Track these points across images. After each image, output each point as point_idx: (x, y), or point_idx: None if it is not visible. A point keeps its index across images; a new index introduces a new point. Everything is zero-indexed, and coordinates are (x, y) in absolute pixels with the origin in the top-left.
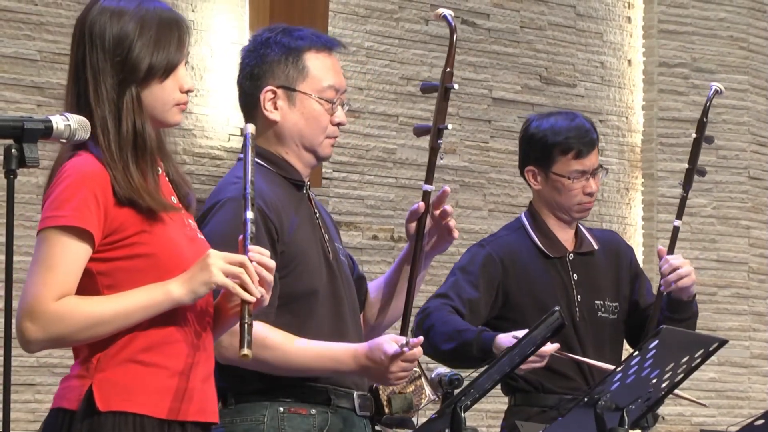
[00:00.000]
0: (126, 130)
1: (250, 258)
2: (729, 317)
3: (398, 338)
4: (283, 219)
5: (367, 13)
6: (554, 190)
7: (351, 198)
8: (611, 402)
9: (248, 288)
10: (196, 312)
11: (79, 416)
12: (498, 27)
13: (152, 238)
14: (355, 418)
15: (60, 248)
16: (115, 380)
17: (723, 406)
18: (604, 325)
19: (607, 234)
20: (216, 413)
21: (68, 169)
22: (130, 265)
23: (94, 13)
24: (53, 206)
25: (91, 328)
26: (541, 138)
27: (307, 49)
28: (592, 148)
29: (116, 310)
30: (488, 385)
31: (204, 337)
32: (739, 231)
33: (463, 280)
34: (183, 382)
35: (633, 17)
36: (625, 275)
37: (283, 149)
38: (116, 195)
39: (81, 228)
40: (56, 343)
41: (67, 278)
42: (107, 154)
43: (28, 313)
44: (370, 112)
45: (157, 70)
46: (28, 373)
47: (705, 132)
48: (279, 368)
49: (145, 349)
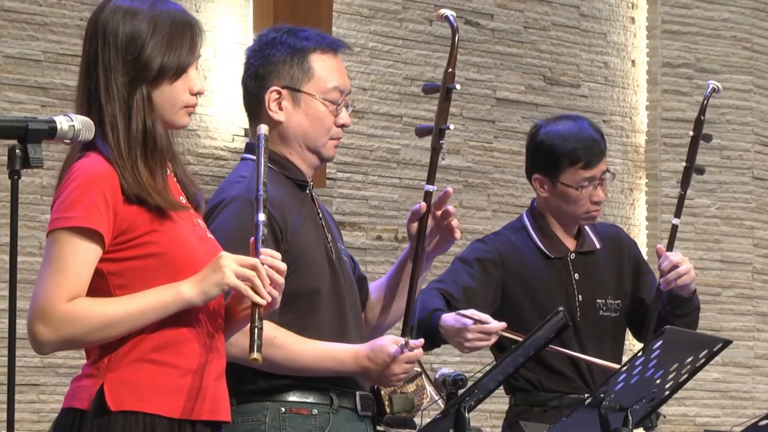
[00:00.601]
0: (136, 128)
1: (262, 261)
2: (733, 317)
3: (398, 339)
4: (287, 219)
5: (371, 13)
6: (562, 199)
7: (355, 198)
8: (615, 402)
9: (259, 291)
10: (208, 311)
11: (90, 416)
12: (502, 27)
13: (162, 237)
14: (357, 418)
15: (70, 249)
16: (126, 380)
17: (727, 407)
18: (605, 323)
19: (611, 229)
20: (228, 412)
21: (77, 170)
22: (141, 265)
23: (107, 12)
24: (62, 207)
25: (103, 329)
26: (549, 147)
27: (312, 50)
28: (600, 157)
29: (128, 311)
30: (492, 386)
31: (215, 337)
32: (743, 231)
33: (462, 269)
34: (195, 381)
35: (637, 18)
36: (627, 270)
37: (287, 149)
38: (125, 194)
39: (91, 229)
40: (68, 345)
41: (78, 279)
42: (116, 152)
43: (40, 316)
44: (373, 113)
45: (169, 70)
46: (33, 374)
47: (703, 130)
48: (285, 368)
49: (157, 348)
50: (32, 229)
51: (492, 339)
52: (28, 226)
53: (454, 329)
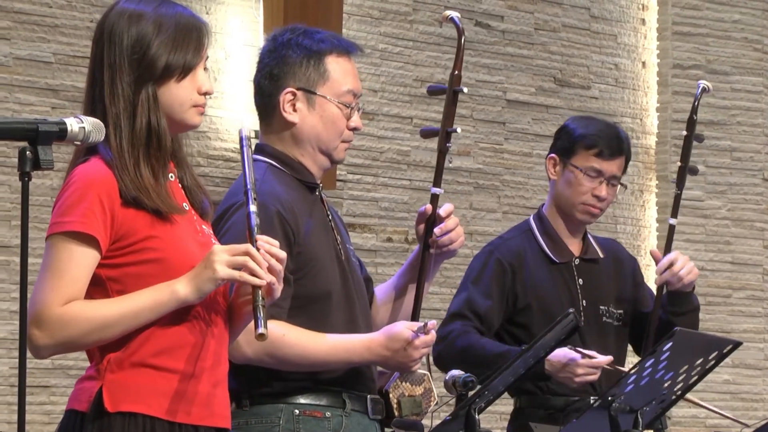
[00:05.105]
0: (140, 126)
1: (258, 246)
2: (743, 319)
3: (412, 324)
4: (299, 221)
5: (381, 15)
6: (566, 182)
7: (365, 200)
8: (625, 404)
9: (256, 273)
10: (208, 314)
11: (89, 417)
12: (512, 29)
13: (161, 243)
14: (368, 421)
15: (67, 254)
16: (125, 382)
17: (737, 408)
18: (608, 330)
19: (611, 243)
20: (228, 419)
21: (76, 175)
22: (140, 271)
23: (114, 14)
24: (60, 212)
25: (99, 330)
26: (572, 130)
27: (328, 53)
28: (616, 154)
29: (122, 312)
30: (502, 387)
31: (216, 340)
32: (754, 233)
33: (476, 292)
34: (193, 386)
35: (647, 19)
36: (628, 284)
37: (299, 151)
38: (123, 198)
39: (87, 234)
40: (65, 348)
41: (74, 284)
42: (117, 152)
43: (36, 320)
44: (384, 114)
45: (174, 68)
46: (43, 375)
47: (695, 130)
48: (298, 364)
49: (157, 353)
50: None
51: (599, 373)
52: (39, 227)
53: (561, 364)
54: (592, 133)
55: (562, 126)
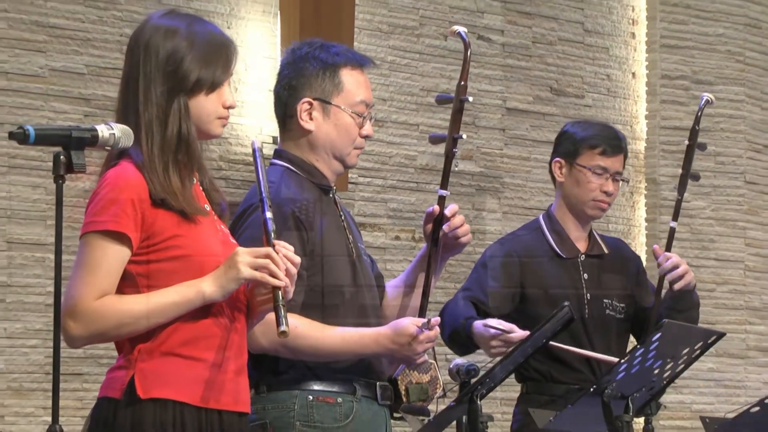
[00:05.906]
0: (171, 133)
1: (276, 250)
2: (727, 312)
3: (417, 320)
4: (313, 222)
5: (390, 29)
6: (575, 182)
7: (375, 201)
8: (617, 391)
9: (276, 275)
10: (231, 309)
11: (123, 404)
12: (511, 42)
13: (186, 241)
14: (377, 407)
15: (100, 251)
16: (155, 370)
17: (721, 395)
18: (611, 322)
19: (616, 242)
20: (248, 404)
21: (108, 177)
22: (167, 267)
23: (149, 29)
24: (93, 212)
25: (129, 324)
26: (573, 134)
27: (343, 65)
28: (618, 151)
29: (151, 307)
30: (503, 375)
31: (238, 333)
32: (736, 232)
33: (484, 274)
34: (218, 374)
35: (637, 33)
36: (632, 281)
37: (314, 156)
38: (152, 200)
39: (119, 232)
40: (97, 339)
41: (106, 279)
42: (148, 156)
43: (71, 312)
44: (392, 122)
45: (204, 83)
46: (76, 364)
47: (697, 139)
48: (310, 355)
49: (183, 343)
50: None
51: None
52: (72, 227)
53: (483, 337)
54: (593, 134)
55: (562, 131)
